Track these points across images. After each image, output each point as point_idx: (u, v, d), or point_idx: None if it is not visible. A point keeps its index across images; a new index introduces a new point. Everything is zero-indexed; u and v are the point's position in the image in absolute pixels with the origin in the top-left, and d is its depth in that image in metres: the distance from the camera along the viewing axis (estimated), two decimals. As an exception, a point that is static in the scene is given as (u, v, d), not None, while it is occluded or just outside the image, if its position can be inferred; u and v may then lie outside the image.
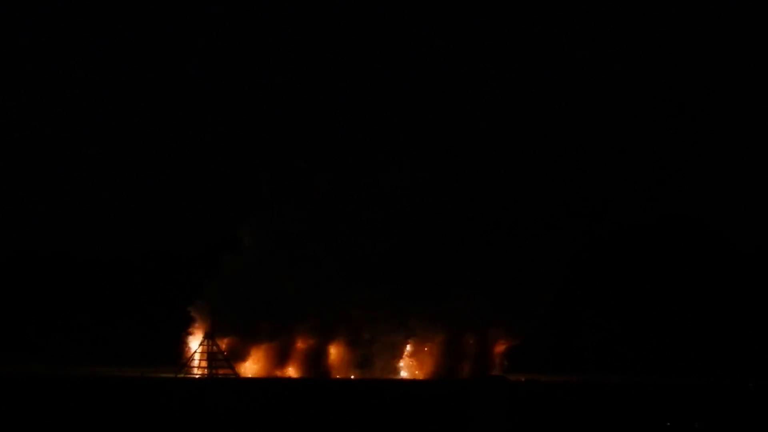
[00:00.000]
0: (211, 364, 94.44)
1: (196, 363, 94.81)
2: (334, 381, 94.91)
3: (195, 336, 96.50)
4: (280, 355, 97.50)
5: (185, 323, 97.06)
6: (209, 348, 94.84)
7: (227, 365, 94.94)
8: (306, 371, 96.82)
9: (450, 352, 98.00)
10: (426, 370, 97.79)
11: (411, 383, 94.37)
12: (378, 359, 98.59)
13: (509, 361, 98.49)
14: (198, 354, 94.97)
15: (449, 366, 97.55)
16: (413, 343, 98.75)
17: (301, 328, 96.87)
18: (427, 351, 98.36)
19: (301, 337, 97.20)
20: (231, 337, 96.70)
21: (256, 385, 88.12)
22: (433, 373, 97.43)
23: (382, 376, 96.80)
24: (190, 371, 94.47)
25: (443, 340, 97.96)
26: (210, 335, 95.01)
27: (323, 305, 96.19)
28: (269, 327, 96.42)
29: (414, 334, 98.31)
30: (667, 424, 62.42)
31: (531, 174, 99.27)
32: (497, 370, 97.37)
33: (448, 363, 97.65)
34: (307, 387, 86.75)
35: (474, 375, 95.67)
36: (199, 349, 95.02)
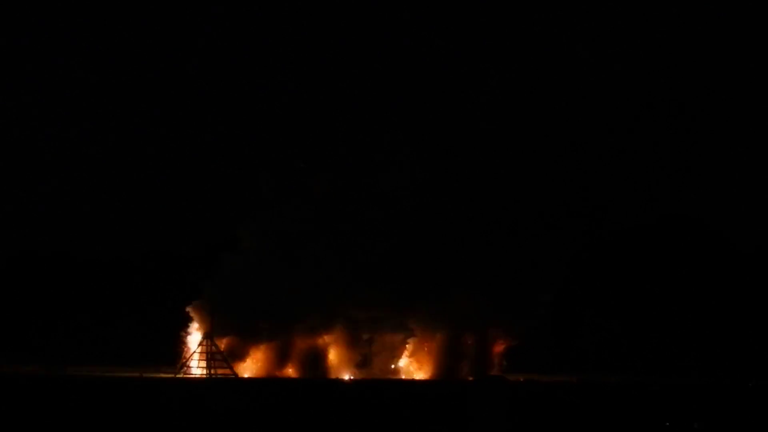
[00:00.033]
0: (209, 364, 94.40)
1: (195, 363, 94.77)
2: (332, 381, 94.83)
3: (194, 336, 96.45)
4: (279, 355, 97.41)
5: (184, 323, 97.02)
6: (208, 348, 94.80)
7: (226, 365, 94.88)
8: (305, 371, 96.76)
9: (449, 352, 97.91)
10: (425, 370, 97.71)
11: (410, 383, 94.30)
12: (377, 359, 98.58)
13: (508, 361, 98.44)
14: (197, 354, 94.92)
15: (449, 366, 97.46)
16: (413, 343, 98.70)
17: (300, 328, 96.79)
18: (426, 351, 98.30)
19: (300, 337, 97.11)
20: (230, 337, 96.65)
21: (255, 385, 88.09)
22: (432, 373, 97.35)
23: (382, 376, 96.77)
24: (188, 371, 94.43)
25: (443, 340, 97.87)
26: (209, 335, 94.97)
27: (322, 305, 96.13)
28: (268, 327, 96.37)
29: (413, 334, 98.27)
30: (666, 424, 62.33)
31: (531, 174, 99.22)
32: (496, 370, 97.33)
33: (447, 363, 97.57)
34: (306, 387, 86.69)
35: (473, 375, 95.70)
36: (198, 349, 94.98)
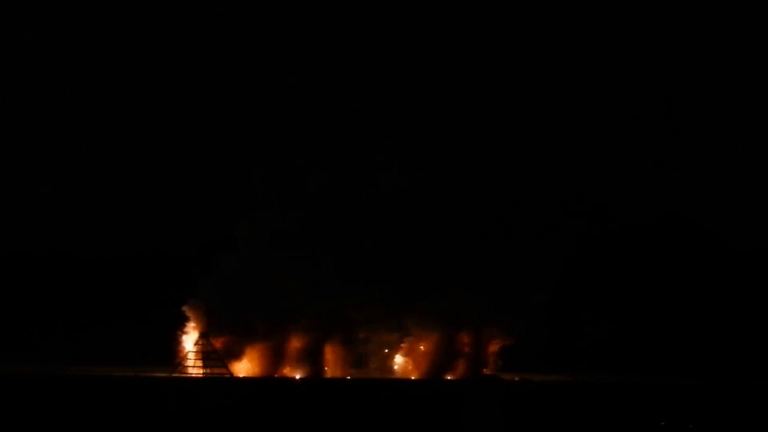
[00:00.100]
0: (205, 363, 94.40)
1: (191, 362, 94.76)
2: (328, 380, 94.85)
3: (189, 335, 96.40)
4: (275, 355, 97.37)
5: (180, 322, 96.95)
6: (204, 347, 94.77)
7: (221, 365, 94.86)
8: (301, 370, 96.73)
9: (444, 352, 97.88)
10: (421, 369, 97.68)
11: (406, 382, 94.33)
12: (373, 358, 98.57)
13: (503, 361, 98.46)
14: (192, 353, 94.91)
15: (444, 365, 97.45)
16: (408, 342, 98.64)
17: (296, 327, 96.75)
18: (421, 350, 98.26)
19: (296, 336, 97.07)
20: (226, 336, 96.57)
21: (251, 384, 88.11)
22: (427, 372, 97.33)
23: (377, 375, 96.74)
24: (184, 370, 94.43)
25: (438, 340, 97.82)
26: (204, 335, 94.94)
27: (318, 304, 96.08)
28: (264, 326, 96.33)
29: (409, 333, 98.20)
30: (662, 423, 62.48)
31: (528, 174, 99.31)
32: (491, 370, 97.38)
33: (442, 362, 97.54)
34: (302, 386, 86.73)
35: (468, 374, 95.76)
36: (194, 348, 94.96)
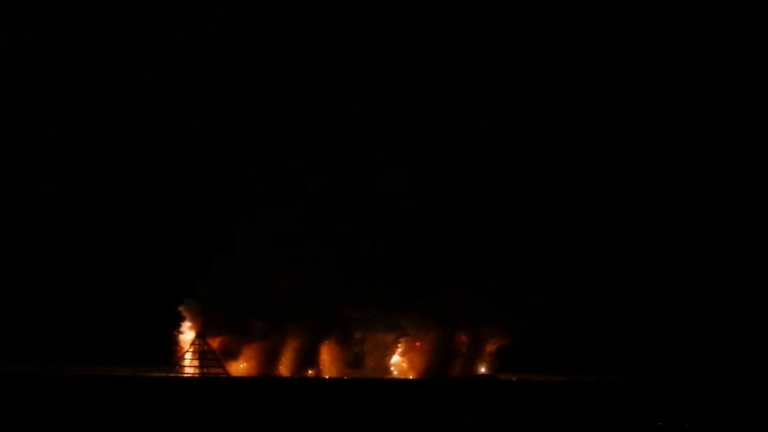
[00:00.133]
0: (202, 363, 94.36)
1: (188, 362, 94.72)
2: (325, 380, 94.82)
3: (186, 335, 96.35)
4: (272, 354, 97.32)
5: (177, 322, 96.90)
6: (200, 347, 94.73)
7: (218, 364, 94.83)
8: (297, 370, 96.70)
9: (442, 351, 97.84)
10: (418, 369, 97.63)
11: (403, 382, 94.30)
12: (370, 358, 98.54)
13: (501, 361, 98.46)
14: (189, 353, 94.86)
15: (441, 365, 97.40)
16: (405, 341, 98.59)
17: (292, 327, 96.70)
18: (418, 349, 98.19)
19: (293, 336, 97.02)
20: (223, 335, 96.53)
21: (247, 384, 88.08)
22: (424, 371, 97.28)
23: (374, 375, 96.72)
24: (181, 370, 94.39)
25: (435, 339, 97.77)
26: (201, 334, 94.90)
27: (315, 304, 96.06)
28: (261, 326, 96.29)
29: (406, 333, 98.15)
30: (658, 423, 62.50)
31: (527, 174, 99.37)
32: (489, 369, 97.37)
33: (439, 362, 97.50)
34: (299, 386, 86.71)
35: (466, 374, 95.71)
36: (191, 348, 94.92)
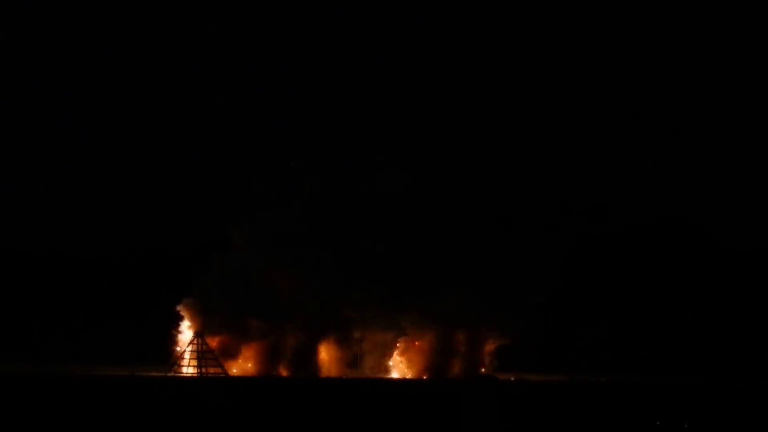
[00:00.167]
0: (200, 363, 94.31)
1: (186, 362, 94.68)
2: (324, 380, 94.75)
3: (185, 335, 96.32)
4: (270, 354, 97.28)
5: (176, 322, 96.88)
6: (199, 347, 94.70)
7: (217, 364, 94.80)
8: (296, 370, 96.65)
9: (441, 351, 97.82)
10: (416, 369, 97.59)
11: (401, 382, 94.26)
12: (368, 358, 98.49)
13: (499, 360, 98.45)
14: (188, 353, 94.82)
15: (440, 364, 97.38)
16: (404, 341, 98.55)
17: (291, 327, 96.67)
18: (417, 349, 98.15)
19: (292, 335, 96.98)
20: (222, 335, 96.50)
21: (246, 384, 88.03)
22: (423, 371, 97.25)
23: (373, 375, 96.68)
24: (179, 370, 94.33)
25: (434, 339, 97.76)
26: (200, 334, 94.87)
27: (314, 304, 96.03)
28: (259, 326, 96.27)
29: (405, 332, 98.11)
30: (657, 423, 62.51)
31: (529, 173, 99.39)
32: (487, 369, 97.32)
33: (438, 361, 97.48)
34: (297, 386, 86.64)
35: (465, 374, 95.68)
36: (189, 348, 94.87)
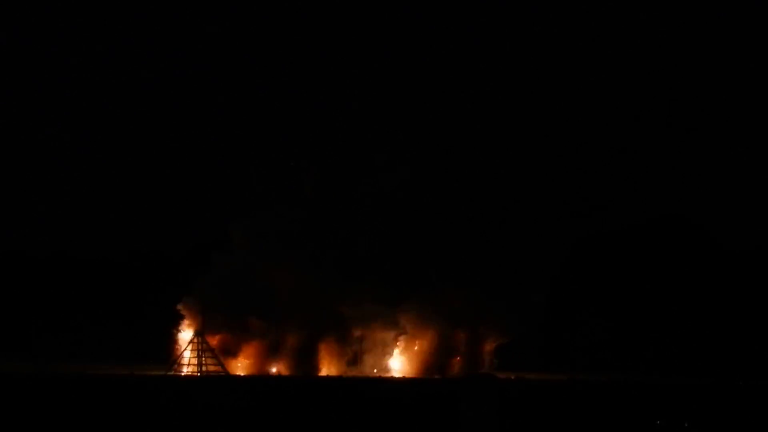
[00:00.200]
0: (200, 361, 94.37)
1: (186, 361, 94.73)
2: (323, 378, 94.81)
3: (185, 333, 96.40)
4: (270, 352, 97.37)
5: (175, 321, 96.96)
6: (199, 346, 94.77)
7: (217, 363, 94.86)
8: (296, 368, 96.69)
9: (440, 350, 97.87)
10: (416, 368, 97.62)
11: (401, 381, 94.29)
12: (368, 356, 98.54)
13: (499, 359, 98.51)
14: (188, 352, 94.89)
15: (439, 363, 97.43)
16: (404, 340, 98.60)
17: (291, 325, 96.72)
18: (417, 348, 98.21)
19: (291, 334, 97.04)
20: (222, 334, 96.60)
21: (246, 383, 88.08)
22: (423, 370, 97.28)
23: (373, 374, 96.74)
24: (179, 369, 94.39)
25: (434, 337, 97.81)
26: (200, 333, 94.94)
27: (314, 302, 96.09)
28: (259, 324, 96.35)
29: (404, 331, 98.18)
30: (657, 422, 62.47)
31: (529, 173, 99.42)
32: (487, 368, 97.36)
33: (438, 360, 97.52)
34: (297, 384, 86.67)
35: (464, 373, 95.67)
36: (189, 346, 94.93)
